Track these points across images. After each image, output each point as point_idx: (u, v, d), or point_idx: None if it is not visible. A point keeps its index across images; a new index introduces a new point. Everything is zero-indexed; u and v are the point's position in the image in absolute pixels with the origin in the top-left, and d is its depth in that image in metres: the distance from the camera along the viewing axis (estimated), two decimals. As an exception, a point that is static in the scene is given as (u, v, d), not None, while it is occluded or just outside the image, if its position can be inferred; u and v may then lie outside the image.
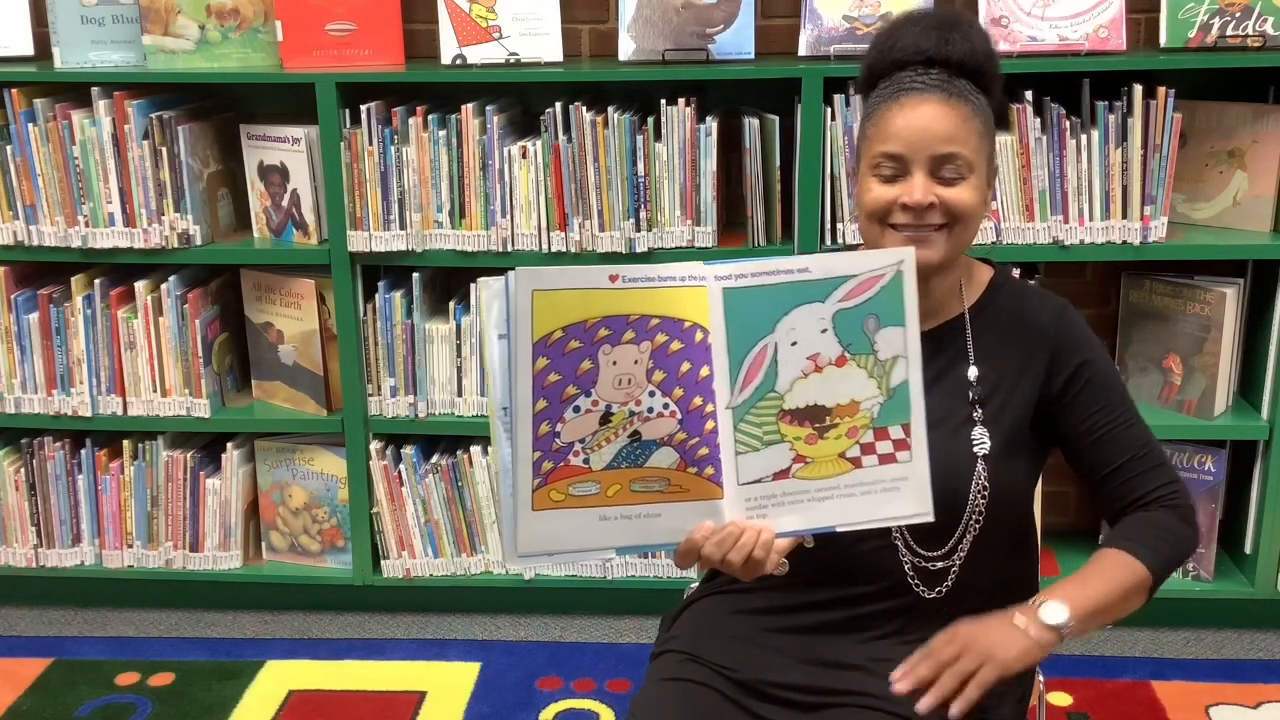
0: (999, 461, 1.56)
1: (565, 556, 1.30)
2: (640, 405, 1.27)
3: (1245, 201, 2.64)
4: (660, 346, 1.26)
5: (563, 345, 1.23)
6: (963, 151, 1.52)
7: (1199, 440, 2.71)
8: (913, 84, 1.54)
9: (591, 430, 1.26)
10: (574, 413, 1.25)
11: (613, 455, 1.27)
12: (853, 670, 1.57)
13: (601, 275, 1.24)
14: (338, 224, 2.64)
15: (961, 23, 1.58)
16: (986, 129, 1.56)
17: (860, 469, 1.34)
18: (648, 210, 2.59)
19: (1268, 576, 2.72)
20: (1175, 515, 1.56)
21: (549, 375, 1.24)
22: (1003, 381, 1.59)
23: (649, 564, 2.81)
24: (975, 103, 1.55)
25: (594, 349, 1.24)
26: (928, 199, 1.51)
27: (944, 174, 1.52)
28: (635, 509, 1.29)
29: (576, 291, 1.23)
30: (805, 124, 2.51)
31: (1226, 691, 2.58)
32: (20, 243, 2.71)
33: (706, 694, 1.58)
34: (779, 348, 1.30)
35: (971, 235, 1.57)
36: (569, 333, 1.24)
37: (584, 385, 1.25)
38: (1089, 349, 1.60)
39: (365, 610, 2.94)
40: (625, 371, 1.26)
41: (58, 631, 2.89)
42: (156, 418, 2.79)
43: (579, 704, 2.57)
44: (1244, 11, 2.53)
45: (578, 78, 2.68)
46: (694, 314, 1.27)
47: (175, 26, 2.67)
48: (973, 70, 1.56)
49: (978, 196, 1.54)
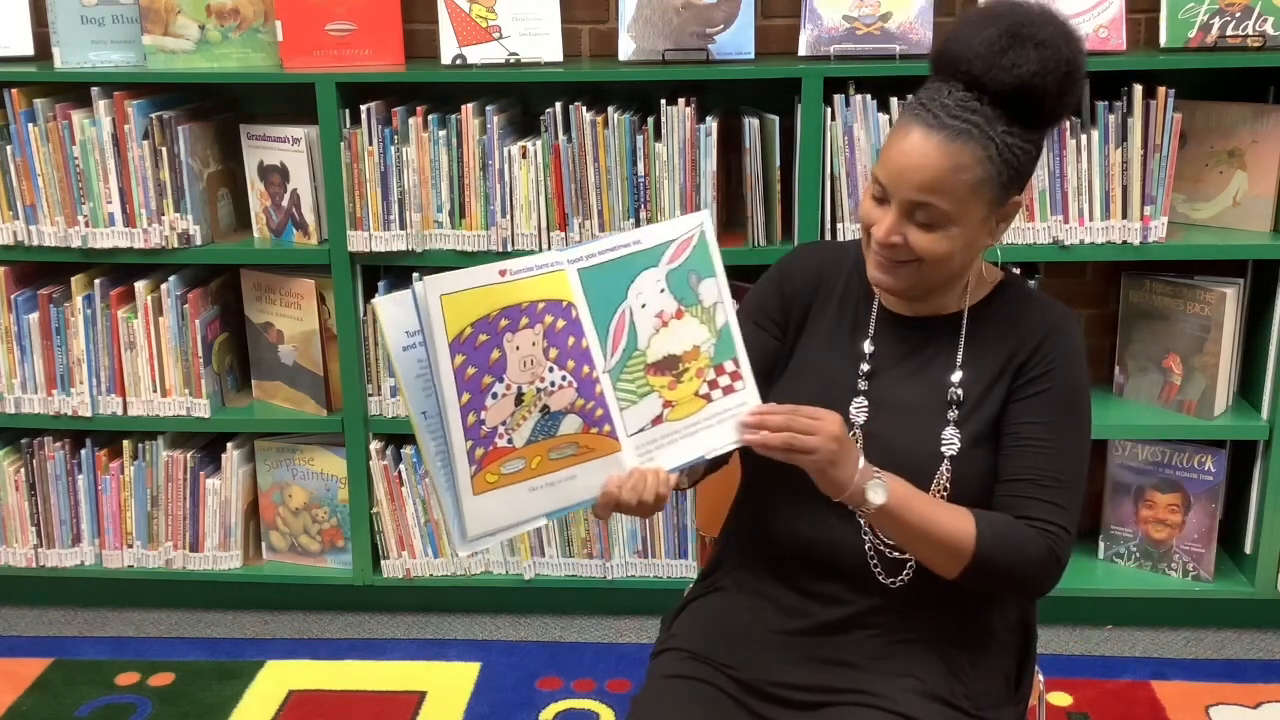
0: (965, 461, 1.55)
1: (507, 533, 1.42)
2: (544, 381, 1.41)
3: (1245, 201, 2.64)
4: (549, 326, 1.41)
5: (474, 340, 1.36)
6: (938, 204, 1.45)
7: (1199, 440, 2.71)
8: (929, 108, 1.45)
9: (510, 412, 1.39)
10: (493, 399, 1.38)
11: (530, 430, 1.41)
12: (852, 668, 1.57)
13: (493, 272, 1.37)
14: (338, 224, 2.64)
15: (1029, 39, 1.43)
16: (996, 177, 1.45)
17: (711, 403, 1.51)
18: (648, 210, 2.59)
19: (1268, 576, 2.72)
20: (1042, 544, 1.49)
21: (467, 369, 1.36)
22: (984, 385, 1.57)
23: (649, 564, 2.81)
24: (990, 149, 1.44)
25: (499, 338, 1.38)
26: (889, 238, 1.50)
27: (918, 218, 1.48)
28: (556, 475, 1.43)
29: (476, 290, 1.36)
30: (805, 124, 2.51)
31: (1226, 691, 2.58)
32: (20, 243, 2.71)
33: (708, 691, 1.58)
34: (633, 311, 1.47)
35: (946, 273, 1.53)
36: (476, 328, 1.36)
37: (497, 373, 1.38)
38: (1065, 363, 1.55)
39: (365, 610, 2.94)
40: (527, 354, 1.40)
41: (58, 631, 2.89)
42: (156, 418, 2.79)
43: (579, 704, 2.57)
44: (1244, 11, 2.53)
45: (578, 78, 2.68)
46: (566, 294, 1.43)
47: (175, 26, 2.67)
48: (1010, 102, 1.44)
49: (950, 246, 1.48)
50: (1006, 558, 1.49)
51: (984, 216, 1.49)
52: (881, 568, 1.58)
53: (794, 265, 1.73)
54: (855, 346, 1.64)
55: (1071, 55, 1.45)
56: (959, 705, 1.55)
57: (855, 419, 1.59)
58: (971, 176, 1.45)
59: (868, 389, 1.61)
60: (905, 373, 1.61)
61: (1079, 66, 1.47)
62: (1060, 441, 1.53)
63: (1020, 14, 1.46)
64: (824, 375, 1.63)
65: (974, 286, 1.61)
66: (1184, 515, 2.75)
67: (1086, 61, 1.49)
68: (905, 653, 1.58)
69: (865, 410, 1.60)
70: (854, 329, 1.65)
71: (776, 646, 1.61)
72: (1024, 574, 1.50)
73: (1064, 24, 1.47)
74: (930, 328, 1.61)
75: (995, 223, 1.52)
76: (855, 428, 1.59)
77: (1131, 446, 2.77)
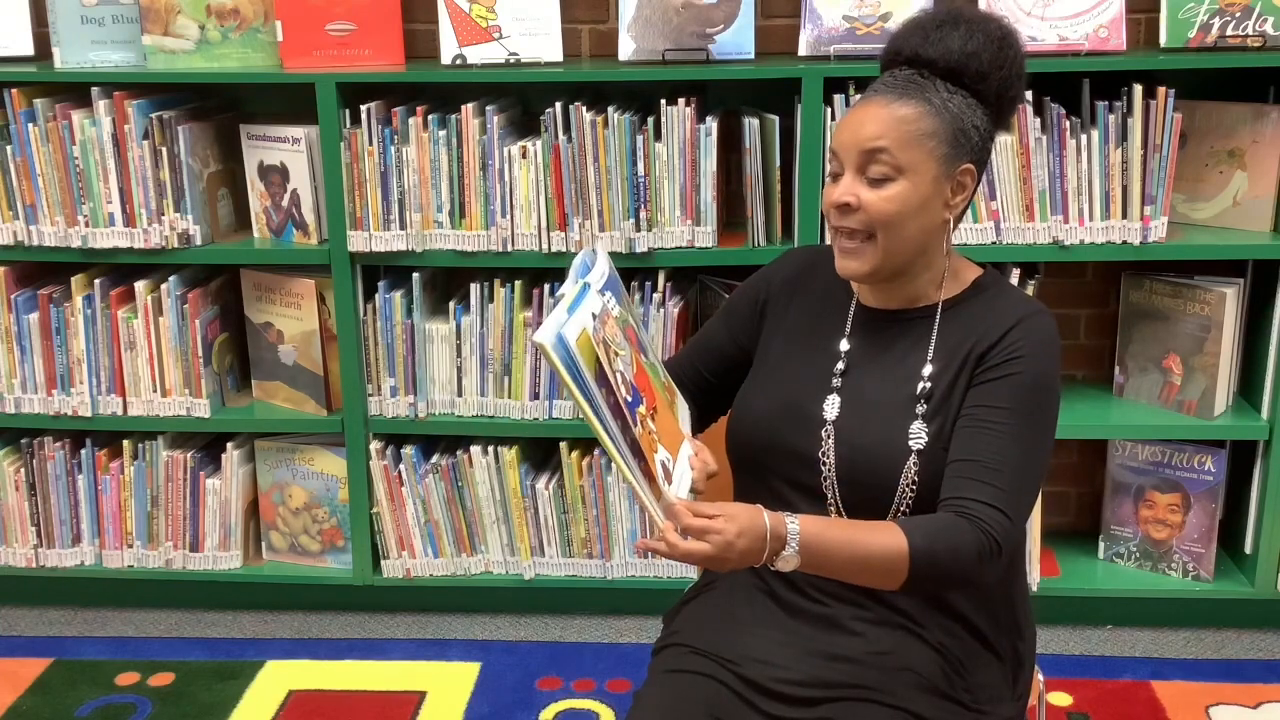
0: (932, 455, 1.55)
1: None
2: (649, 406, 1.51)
3: (1245, 201, 2.64)
4: (631, 352, 1.52)
5: (601, 375, 1.40)
6: (887, 151, 1.51)
7: (1199, 440, 2.71)
8: (876, 87, 1.57)
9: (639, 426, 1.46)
10: (626, 419, 1.43)
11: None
12: (853, 663, 1.57)
13: (588, 315, 1.41)
14: (338, 224, 2.64)
15: (959, 20, 1.56)
16: (943, 131, 1.53)
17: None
18: (648, 210, 2.59)
19: (1268, 576, 2.72)
20: (976, 535, 1.45)
21: (610, 400, 1.39)
22: (949, 376, 1.58)
23: (649, 564, 2.81)
24: (934, 103, 1.52)
25: (613, 370, 1.44)
26: (844, 198, 1.54)
27: (870, 173, 1.53)
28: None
29: (586, 331, 1.40)
30: (805, 124, 2.51)
31: (1226, 691, 2.58)
32: (20, 243, 2.71)
33: (709, 687, 1.59)
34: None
35: (905, 243, 1.55)
36: (599, 365, 1.40)
37: (622, 399, 1.42)
38: (1030, 352, 1.54)
39: (365, 610, 2.94)
40: (631, 378, 1.49)
41: (58, 631, 2.89)
42: (156, 418, 2.79)
43: (579, 704, 2.57)
44: (1244, 11, 2.53)
45: (578, 78, 2.68)
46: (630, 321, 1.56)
47: (175, 26, 2.67)
48: (948, 71, 1.54)
49: (904, 203, 1.52)
50: (943, 561, 1.45)
51: (934, 176, 1.53)
52: None
53: (773, 267, 1.80)
54: (832, 345, 1.67)
55: (1004, 35, 1.56)
56: (958, 699, 1.56)
57: (827, 414, 1.62)
58: (915, 128, 1.52)
59: (840, 385, 1.64)
60: (878, 368, 1.63)
61: (1013, 45, 1.57)
62: (1013, 428, 1.51)
63: (955, 6, 1.63)
64: (798, 373, 1.67)
65: (949, 280, 1.63)
66: (1184, 515, 2.75)
67: (1024, 52, 1.58)
68: (904, 648, 1.58)
69: (837, 407, 1.62)
70: (833, 328, 1.69)
71: (777, 642, 1.61)
72: (963, 571, 1.46)
73: (998, 16, 1.60)
74: (904, 321, 1.64)
75: (950, 192, 1.55)
76: (828, 423, 1.61)
77: (1131, 446, 2.77)
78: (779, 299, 1.75)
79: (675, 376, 1.77)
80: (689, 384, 1.79)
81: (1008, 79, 1.56)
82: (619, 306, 1.55)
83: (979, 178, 1.58)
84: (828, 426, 1.61)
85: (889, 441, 1.57)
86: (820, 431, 1.61)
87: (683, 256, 2.62)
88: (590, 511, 2.78)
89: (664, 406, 1.56)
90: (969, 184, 1.57)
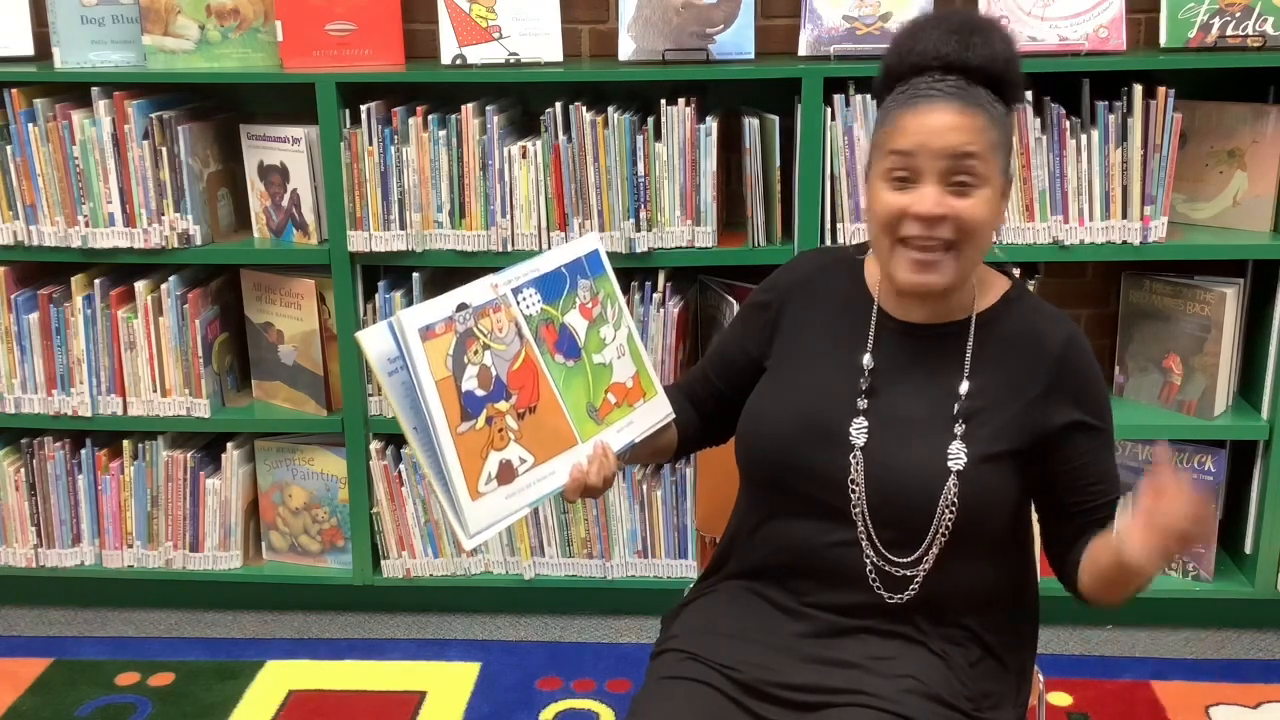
0: (974, 477, 1.52)
1: (502, 525, 1.51)
2: (515, 395, 1.55)
3: (1245, 201, 2.64)
4: (510, 348, 1.54)
5: (453, 370, 1.48)
6: (975, 157, 1.47)
7: (1199, 440, 2.71)
8: (929, 90, 1.49)
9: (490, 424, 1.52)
10: (474, 417, 1.50)
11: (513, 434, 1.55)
12: (853, 669, 1.56)
13: (451, 305, 1.49)
14: (338, 224, 2.64)
15: (983, 26, 1.53)
16: (1003, 140, 1.51)
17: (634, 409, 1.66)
18: (648, 210, 2.59)
19: (1268, 576, 2.72)
20: None
21: (452, 396, 1.47)
22: (993, 396, 1.55)
23: (649, 564, 2.81)
24: (991, 112, 1.49)
25: (473, 365, 1.51)
26: (939, 209, 1.47)
27: (956, 181, 1.48)
28: (535, 472, 1.54)
29: (445, 322, 1.48)
30: (805, 124, 2.51)
31: (1226, 691, 2.58)
32: (20, 243, 2.71)
33: (707, 693, 1.58)
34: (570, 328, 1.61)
35: (980, 254, 1.54)
36: (454, 357, 1.48)
37: (477, 396, 1.49)
38: (1090, 380, 1.57)
39: (365, 610, 2.94)
40: (497, 373, 1.53)
41: (58, 631, 2.89)
42: (156, 418, 2.79)
43: (579, 704, 2.57)
44: (1244, 11, 2.53)
45: (578, 78, 2.68)
46: (515, 317, 1.57)
47: (175, 26, 2.67)
48: (992, 77, 1.51)
49: (989, 211, 1.50)
50: None
51: (1001, 186, 1.52)
52: (882, 585, 1.57)
53: (785, 271, 1.74)
54: (854, 359, 1.61)
55: (1011, 39, 1.55)
56: (958, 706, 1.55)
57: (855, 438, 1.56)
58: (993, 135, 1.49)
59: (867, 407, 1.58)
60: (909, 384, 1.58)
61: (1017, 52, 1.56)
62: (1109, 457, 1.59)
63: (958, 12, 1.57)
64: (818, 387, 1.61)
65: (982, 294, 1.59)
66: (1184, 515, 2.74)
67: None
68: (905, 654, 1.57)
69: (865, 430, 1.57)
70: (853, 340, 1.62)
71: (776, 647, 1.61)
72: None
73: (994, 18, 1.61)
74: (934, 335, 1.59)
75: (1004, 193, 1.54)
76: (856, 448, 1.56)
77: (1131, 446, 2.77)
78: (792, 305, 1.69)
79: (691, 386, 1.76)
80: (702, 393, 1.76)
81: (1017, 86, 1.56)
82: (541, 304, 1.57)
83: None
84: (856, 452, 1.56)
85: (926, 464, 1.53)
86: (848, 455, 1.56)
87: (683, 256, 2.62)
88: (590, 511, 2.78)
89: (551, 409, 1.55)
90: (1009, 190, 1.57)
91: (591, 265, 1.64)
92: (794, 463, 1.59)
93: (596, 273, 1.65)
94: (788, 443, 1.60)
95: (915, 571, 1.55)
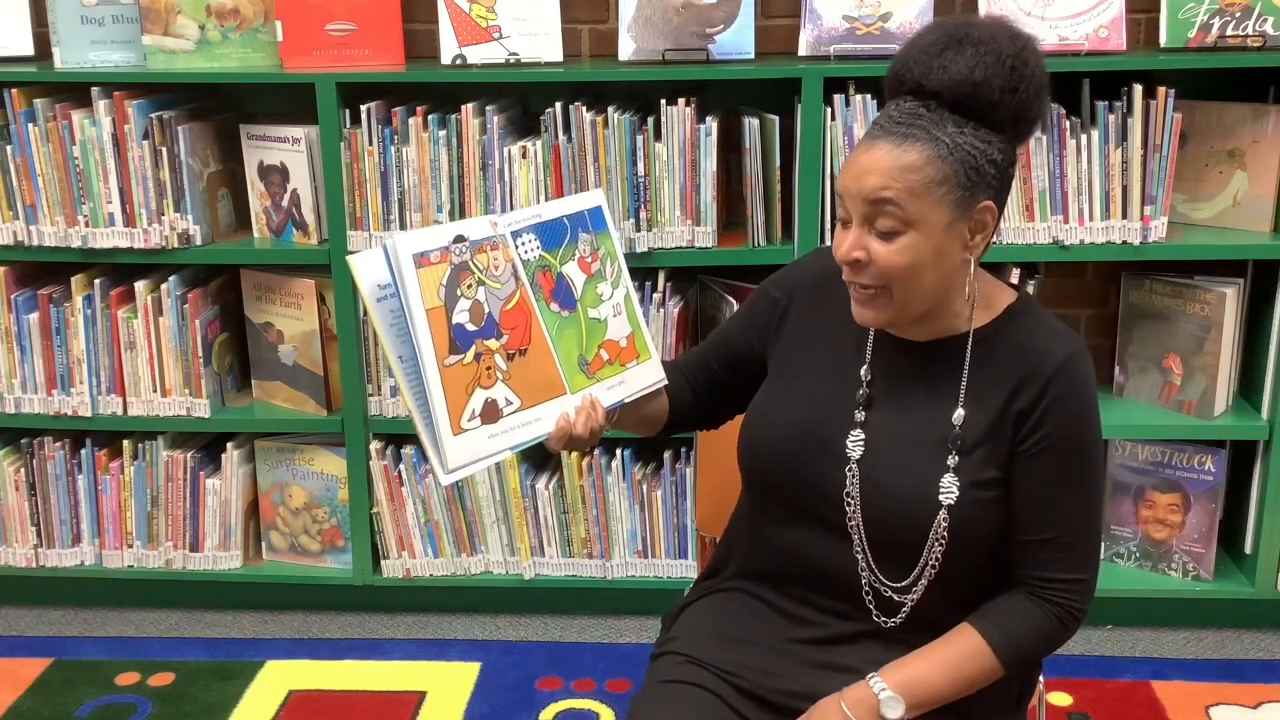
0: (963, 510, 1.48)
1: (482, 464, 1.50)
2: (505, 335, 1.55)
3: (1245, 201, 2.64)
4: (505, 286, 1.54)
5: (445, 300, 1.47)
6: (893, 203, 1.39)
7: (1199, 440, 2.71)
8: (881, 123, 1.43)
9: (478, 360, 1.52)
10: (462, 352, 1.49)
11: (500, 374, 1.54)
12: (852, 674, 1.56)
13: (449, 234, 1.47)
14: (338, 224, 2.64)
15: (965, 40, 1.40)
16: (955, 175, 1.40)
17: (625, 369, 1.65)
18: (648, 210, 2.59)
19: (1268, 576, 2.72)
20: (1056, 613, 1.50)
21: (442, 326, 1.46)
22: (987, 422, 1.50)
23: (649, 564, 2.81)
24: (943, 143, 1.39)
25: (465, 298, 1.49)
26: (851, 254, 1.43)
27: (879, 226, 1.41)
28: (519, 416, 1.53)
29: (441, 250, 1.46)
30: (805, 124, 2.51)
31: (1226, 691, 2.58)
32: (20, 243, 2.71)
33: (706, 697, 1.57)
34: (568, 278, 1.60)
35: (922, 292, 1.45)
36: (446, 288, 1.46)
37: (468, 329, 1.49)
38: (1074, 409, 1.48)
39: (365, 610, 2.94)
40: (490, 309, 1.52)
41: (58, 631, 2.89)
42: (156, 418, 2.79)
43: (579, 704, 2.57)
44: (1244, 11, 2.53)
45: (578, 78, 2.68)
46: (512, 258, 1.56)
47: (175, 26, 2.67)
48: (955, 103, 1.40)
49: (914, 256, 1.41)
50: (1032, 650, 1.53)
51: (949, 222, 1.41)
52: (877, 608, 1.56)
53: (800, 267, 1.70)
54: (853, 369, 1.58)
55: (1017, 51, 1.41)
56: (957, 710, 1.55)
57: (851, 452, 1.54)
58: (923, 176, 1.39)
59: (864, 420, 1.55)
60: (905, 403, 1.55)
61: (1028, 62, 1.42)
62: (1077, 499, 1.50)
63: (962, 20, 1.46)
64: (817, 396, 1.59)
65: (981, 308, 1.53)
66: (1184, 515, 2.75)
67: (1043, 61, 1.44)
68: None
69: (861, 443, 1.54)
70: (854, 350, 1.59)
71: (776, 652, 1.60)
72: (1051, 647, 1.54)
73: (1009, 25, 1.44)
74: (932, 353, 1.54)
75: (969, 233, 1.44)
76: (852, 461, 1.54)
77: (1131, 446, 2.77)
78: (801, 304, 1.65)
79: (689, 364, 1.74)
80: (699, 375, 1.74)
81: (1025, 101, 1.42)
82: (540, 250, 1.56)
83: (1001, 211, 1.47)
84: (851, 465, 1.53)
85: (917, 492, 1.49)
86: (844, 468, 1.53)
87: (682, 256, 2.62)
88: (590, 511, 2.78)
89: (542, 354, 1.54)
90: (990, 221, 1.46)
91: (594, 220, 1.63)
92: (793, 471, 1.58)
93: (599, 228, 1.64)
94: (786, 453, 1.58)
95: (905, 599, 1.54)
